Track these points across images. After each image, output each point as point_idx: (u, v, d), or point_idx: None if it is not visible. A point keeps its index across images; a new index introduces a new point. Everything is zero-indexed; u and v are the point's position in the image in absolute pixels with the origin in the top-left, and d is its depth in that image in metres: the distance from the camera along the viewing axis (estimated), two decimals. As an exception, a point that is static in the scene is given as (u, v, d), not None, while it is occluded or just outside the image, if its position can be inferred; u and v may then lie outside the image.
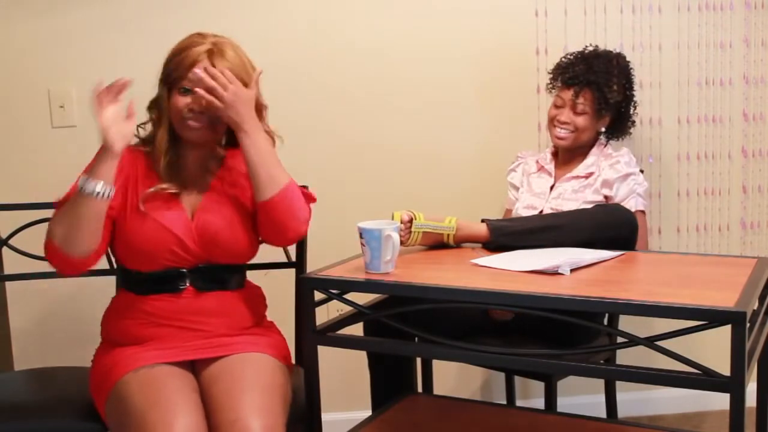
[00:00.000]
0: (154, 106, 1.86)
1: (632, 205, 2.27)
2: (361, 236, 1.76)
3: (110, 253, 1.99)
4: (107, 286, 2.11)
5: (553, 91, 2.46)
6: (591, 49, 2.41)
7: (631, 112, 2.44)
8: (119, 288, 1.91)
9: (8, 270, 2.29)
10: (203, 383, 1.76)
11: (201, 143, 1.85)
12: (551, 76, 2.46)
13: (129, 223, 1.80)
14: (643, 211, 2.32)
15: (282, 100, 2.59)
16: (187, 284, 1.82)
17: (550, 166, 2.44)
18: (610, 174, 2.29)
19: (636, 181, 2.30)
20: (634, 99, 2.43)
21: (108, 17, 2.56)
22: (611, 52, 2.41)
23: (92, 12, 2.56)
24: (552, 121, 2.39)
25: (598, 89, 2.32)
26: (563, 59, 2.44)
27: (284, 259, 2.18)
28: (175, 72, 1.80)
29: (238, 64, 1.81)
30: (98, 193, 1.67)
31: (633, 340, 1.53)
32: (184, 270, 1.82)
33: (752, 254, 2.77)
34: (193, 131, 1.81)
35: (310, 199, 1.90)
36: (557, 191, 2.37)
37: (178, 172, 1.85)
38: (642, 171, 2.38)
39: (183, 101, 1.79)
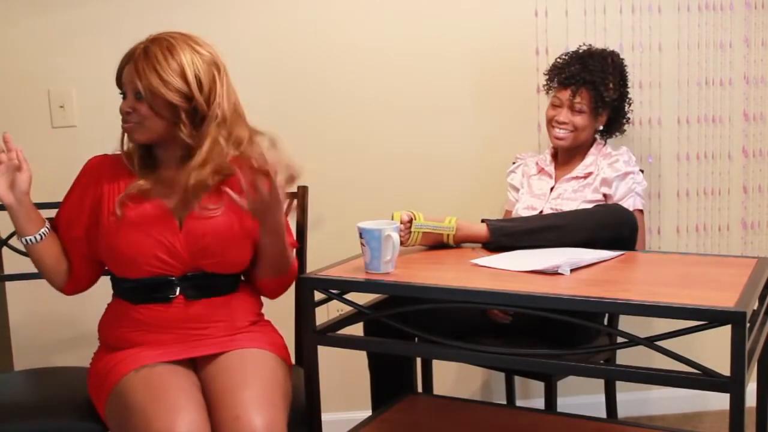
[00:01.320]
0: None
1: (630, 204, 2.27)
2: (361, 236, 1.76)
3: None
4: (107, 286, 2.11)
5: (550, 91, 2.46)
6: (585, 48, 2.42)
7: (627, 109, 2.44)
8: (113, 295, 1.89)
9: (8, 270, 2.28)
10: (204, 380, 1.76)
11: (144, 142, 1.80)
12: (547, 77, 2.47)
13: (110, 230, 1.78)
14: (641, 210, 2.33)
15: (282, 99, 2.61)
16: (177, 293, 1.78)
17: (550, 168, 2.44)
18: (609, 173, 2.29)
19: (635, 180, 2.31)
20: (629, 96, 2.44)
21: (108, 16, 2.57)
22: (605, 50, 2.42)
23: (93, 11, 2.56)
24: (550, 122, 2.39)
25: (594, 88, 2.32)
26: (558, 60, 2.44)
27: (284, 259, 2.18)
28: (116, 77, 1.80)
29: (171, 70, 1.70)
30: (29, 240, 1.80)
31: (633, 340, 1.53)
32: (173, 278, 1.78)
33: (752, 254, 2.77)
34: (128, 133, 1.80)
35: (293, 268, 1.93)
36: (557, 191, 2.37)
37: (153, 168, 1.82)
38: (642, 171, 2.38)
39: (121, 106, 1.79)
